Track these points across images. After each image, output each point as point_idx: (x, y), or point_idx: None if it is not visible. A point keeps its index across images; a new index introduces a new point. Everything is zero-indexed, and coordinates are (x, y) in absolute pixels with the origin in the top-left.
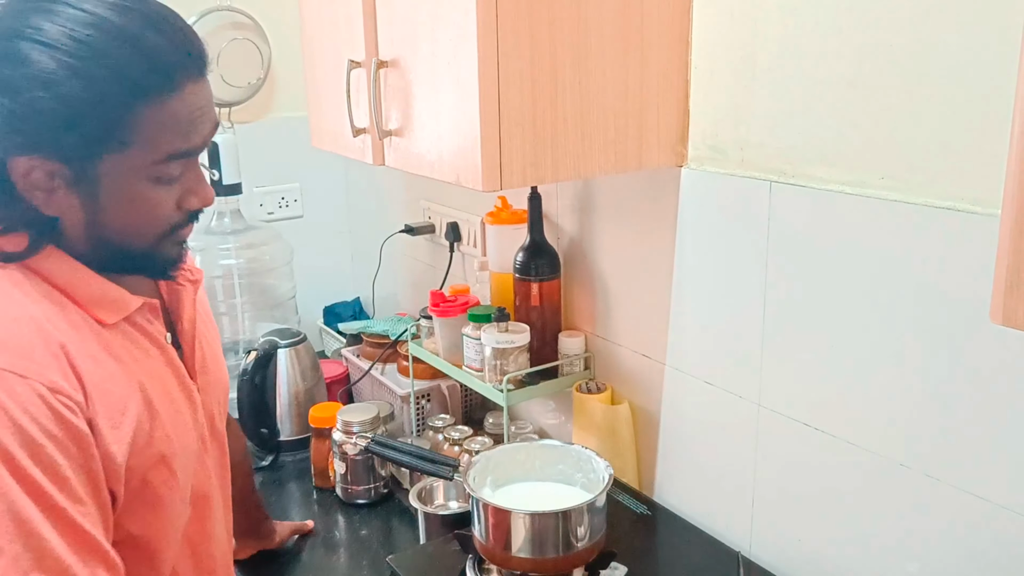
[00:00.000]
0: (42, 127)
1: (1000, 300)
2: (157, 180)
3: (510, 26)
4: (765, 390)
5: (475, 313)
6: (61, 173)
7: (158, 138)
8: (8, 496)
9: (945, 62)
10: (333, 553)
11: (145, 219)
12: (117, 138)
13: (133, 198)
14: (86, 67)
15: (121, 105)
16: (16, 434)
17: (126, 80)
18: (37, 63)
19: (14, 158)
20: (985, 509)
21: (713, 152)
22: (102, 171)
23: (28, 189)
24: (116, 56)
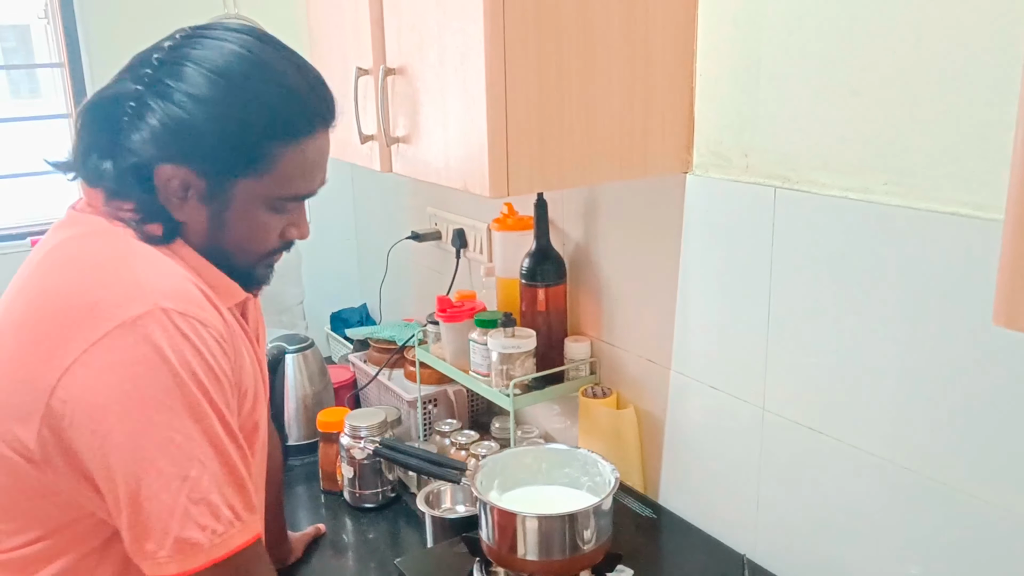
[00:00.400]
0: (193, 142)
1: (1003, 303)
2: (274, 209)
3: (517, 35)
4: (770, 394)
5: (482, 318)
6: (198, 187)
7: (288, 175)
8: (207, 420)
9: (947, 69)
10: (341, 556)
11: (255, 241)
12: (255, 166)
13: (251, 221)
14: (241, 98)
15: (266, 138)
16: (208, 370)
17: (274, 117)
18: (198, 84)
19: (161, 165)
20: (989, 512)
21: (718, 158)
22: (234, 192)
23: (166, 194)
24: (269, 94)
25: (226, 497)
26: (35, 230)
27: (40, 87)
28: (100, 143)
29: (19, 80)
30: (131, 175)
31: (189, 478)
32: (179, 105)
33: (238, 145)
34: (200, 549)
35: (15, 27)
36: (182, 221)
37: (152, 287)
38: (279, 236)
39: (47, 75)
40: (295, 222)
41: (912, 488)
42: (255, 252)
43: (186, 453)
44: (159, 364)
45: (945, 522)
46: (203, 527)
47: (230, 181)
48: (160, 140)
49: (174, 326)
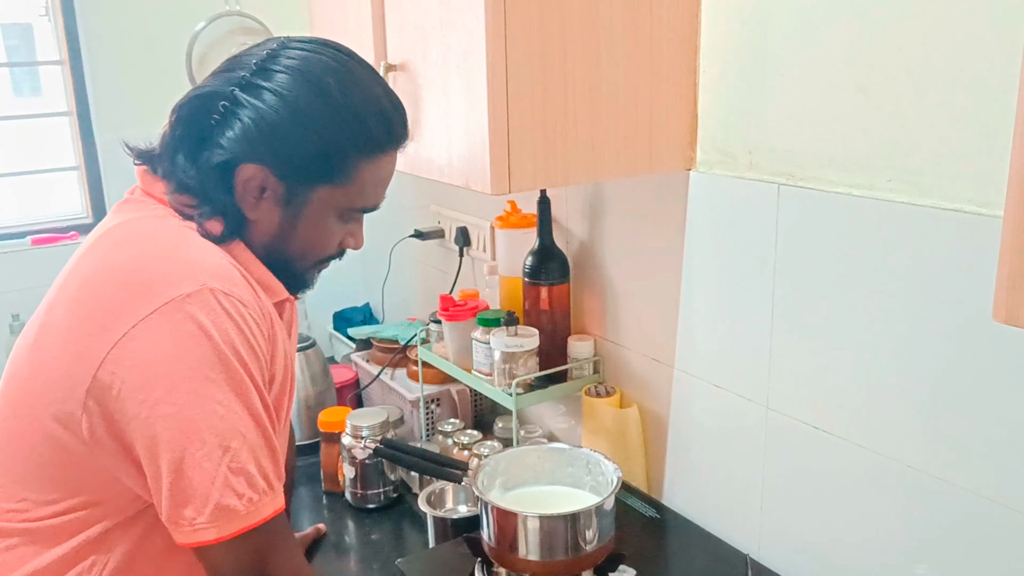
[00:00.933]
0: (280, 145)
1: (1003, 299)
2: (340, 218)
3: (520, 31)
4: (773, 393)
5: (484, 317)
6: (276, 189)
7: (362, 187)
8: (248, 395)
9: (951, 67)
10: (343, 557)
11: (318, 246)
12: (336, 177)
13: (320, 227)
14: (335, 110)
15: (351, 152)
16: (249, 348)
17: (362, 131)
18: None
19: (246, 163)
20: (995, 510)
21: (722, 155)
22: (310, 198)
23: (243, 192)
24: (359, 108)
25: (262, 467)
26: (36, 229)
27: (41, 87)
28: (191, 138)
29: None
30: (215, 170)
31: (231, 448)
32: (272, 108)
33: (324, 154)
34: (237, 515)
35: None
36: (253, 220)
37: (202, 268)
38: (338, 246)
39: (48, 75)
40: (353, 232)
41: (917, 487)
42: (314, 257)
43: (229, 424)
44: (204, 340)
45: (951, 520)
46: (240, 495)
47: (309, 187)
48: (249, 139)
49: (220, 305)
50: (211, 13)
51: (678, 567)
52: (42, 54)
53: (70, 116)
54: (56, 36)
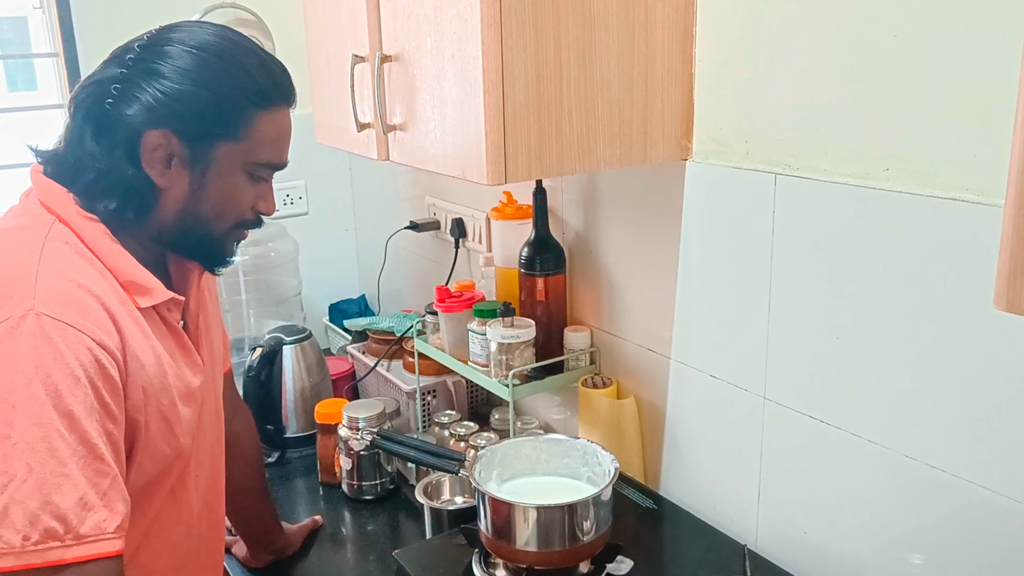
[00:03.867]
0: (177, 108)
1: (1003, 287)
2: (249, 176)
3: (514, 19)
4: (770, 383)
5: (480, 308)
6: (180, 153)
7: (262, 141)
8: (49, 426)
9: (948, 54)
10: (340, 548)
11: (230, 205)
12: (234, 130)
13: (229, 184)
14: (225, 69)
15: (244, 104)
16: (67, 376)
17: (251, 85)
18: (181, 58)
19: (149, 131)
20: (991, 500)
21: (718, 145)
22: (216, 155)
23: (150, 159)
24: (249, 67)
25: (54, 507)
26: None
27: (36, 81)
28: (92, 123)
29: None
30: (120, 146)
31: (15, 479)
32: (164, 76)
33: (219, 109)
34: (11, 551)
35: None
36: (163, 187)
37: (39, 292)
38: (250, 207)
39: (43, 69)
40: (264, 195)
41: (914, 476)
42: (229, 219)
43: (17, 454)
44: (12, 366)
45: (947, 511)
46: (17, 530)
47: (211, 144)
48: (146, 108)
49: (43, 332)
50: (206, 5)
51: (675, 558)
52: (37, 49)
53: (64, 109)
54: (51, 28)
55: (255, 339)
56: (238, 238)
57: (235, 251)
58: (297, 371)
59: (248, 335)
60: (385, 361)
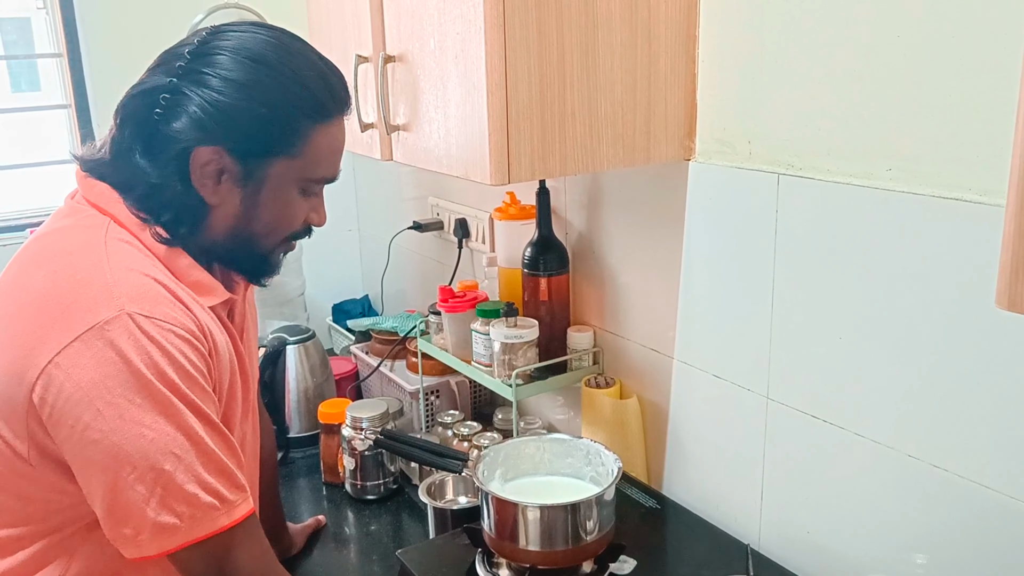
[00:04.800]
0: (230, 123)
1: (1005, 285)
2: (303, 191)
3: (518, 20)
4: (773, 383)
5: (484, 308)
6: (232, 169)
7: (318, 157)
8: (178, 415)
9: (950, 55)
10: (343, 548)
11: (283, 223)
12: (289, 147)
13: (282, 202)
14: (281, 81)
15: (300, 119)
16: (174, 367)
17: (308, 98)
18: (233, 68)
19: (199, 148)
20: (994, 499)
21: (721, 145)
22: (268, 173)
23: (201, 177)
24: (303, 77)
25: (204, 483)
26: (35, 221)
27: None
28: (140, 136)
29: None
30: (170, 162)
31: (164, 471)
32: (215, 89)
33: (274, 124)
34: (178, 531)
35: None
36: (214, 205)
37: (120, 292)
38: (303, 222)
39: (47, 70)
40: (316, 207)
41: (917, 476)
42: (279, 233)
43: (158, 447)
44: (123, 366)
45: (951, 510)
46: (179, 514)
47: (265, 161)
48: (197, 123)
49: (139, 329)
50: (210, 5)
51: (679, 557)
52: (40, 49)
53: (68, 109)
54: (54, 29)
55: (259, 339)
56: (286, 250)
57: (279, 264)
58: (301, 371)
59: None
60: (388, 361)
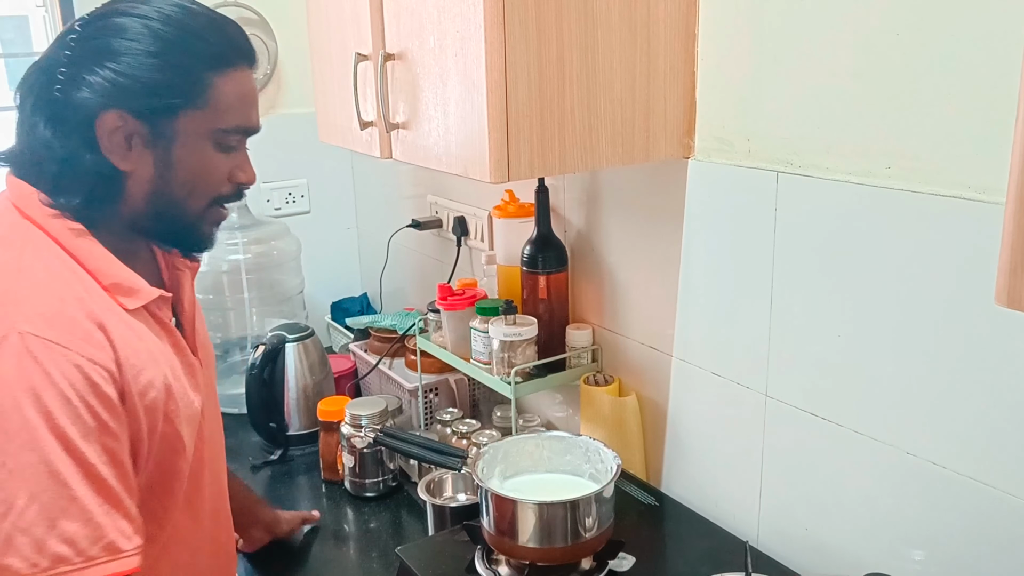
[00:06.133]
0: (129, 84)
1: (1005, 282)
2: (219, 145)
3: (517, 18)
4: (772, 380)
5: (483, 306)
6: (141, 132)
7: (225, 105)
8: (44, 450)
9: (950, 52)
10: (342, 545)
11: (201, 180)
12: (194, 99)
13: (197, 158)
14: (173, 35)
15: (199, 68)
16: (57, 397)
17: (205, 49)
18: (132, 31)
19: (104, 113)
20: (992, 497)
21: (720, 143)
22: (177, 128)
23: (109, 144)
24: (197, 29)
25: (60, 531)
26: None
27: None
28: (42, 111)
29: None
30: (75, 132)
31: (14, 508)
32: (110, 53)
33: (172, 78)
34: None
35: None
36: (128, 171)
37: (19, 310)
38: (227, 179)
39: None
40: (241, 165)
41: (915, 473)
42: (203, 196)
43: (15, 482)
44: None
45: (948, 507)
46: (24, 558)
47: (171, 118)
48: (97, 91)
49: (28, 352)
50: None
51: (677, 554)
52: (38, 48)
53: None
54: (52, 27)
55: (258, 337)
56: (217, 218)
57: (215, 233)
58: (299, 369)
59: (251, 333)
60: (387, 359)
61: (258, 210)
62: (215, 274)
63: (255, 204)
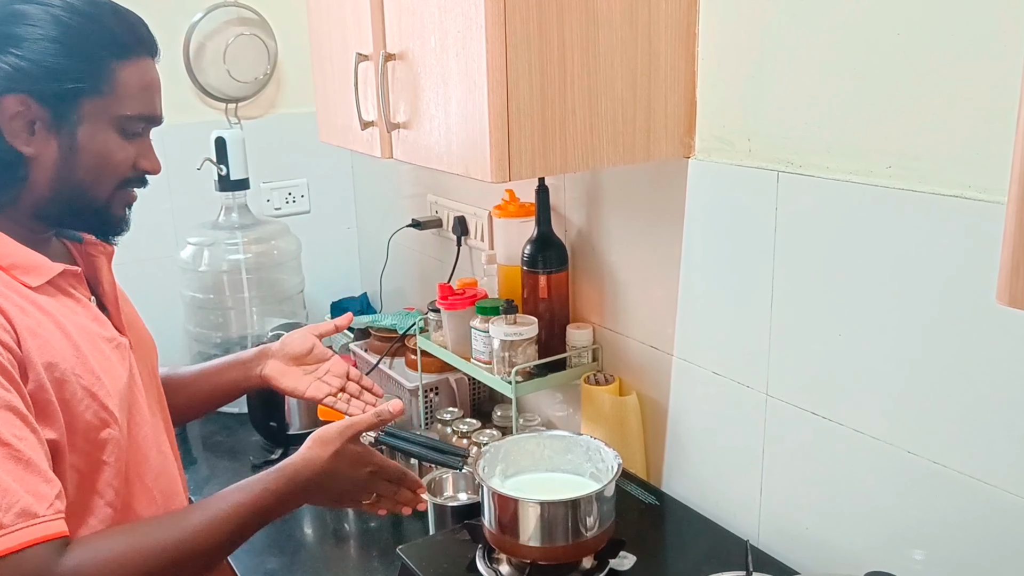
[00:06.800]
0: (31, 68)
1: (1006, 281)
2: (122, 132)
3: (519, 17)
4: (773, 379)
5: (483, 306)
6: (43, 116)
7: (128, 93)
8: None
9: (950, 52)
10: (343, 545)
11: (106, 166)
12: (96, 84)
13: (101, 143)
14: (75, 22)
15: (101, 55)
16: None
17: (108, 36)
18: (35, 17)
19: (3, 99)
20: (992, 495)
21: (720, 143)
22: (81, 113)
23: (11, 128)
24: (100, 17)
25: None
26: None
27: None
28: None
29: None
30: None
31: None
32: (14, 38)
33: (74, 64)
34: None
35: None
36: (32, 156)
37: None
38: (132, 166)
39: None
40: (145, 153)
41: (916, 472)
42: (108, 181)
43: None
44: None
45: (949, 506)
46: None
47: (74, 103)
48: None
49: None
50: (208, 4)
51: (678, 553)
52: None
53: None
54: None
55: (258, 336)
56: (126, 200)
57: (127, 215)
58: None
59: (251, 332)
60: (387, 358)
61: (258, 210)
62: (215, 274)
63: (255, 204)
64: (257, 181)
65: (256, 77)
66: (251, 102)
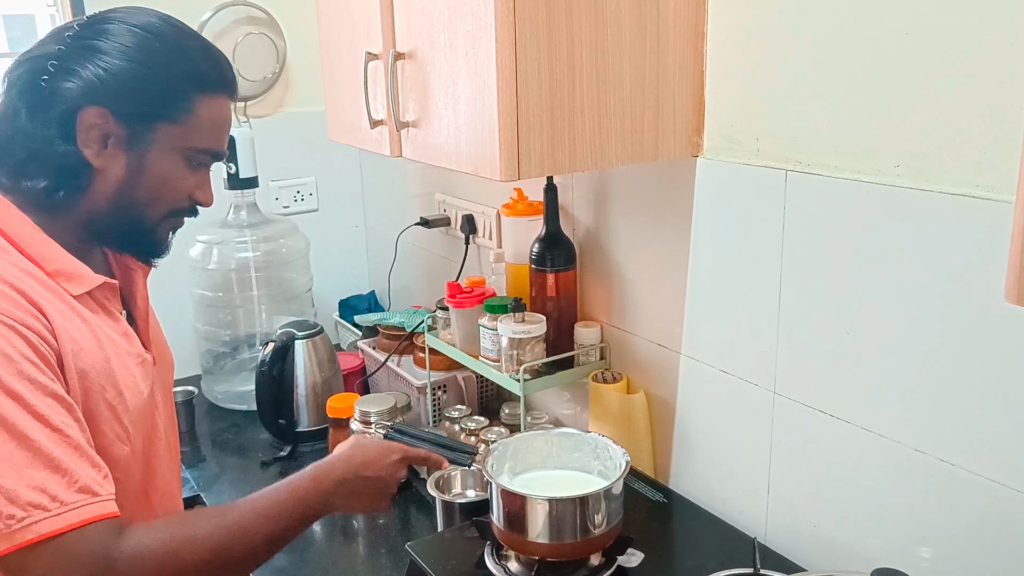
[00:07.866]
0: (117, 85)
1: (1014, 280)
2: (188, 161)
3: (528, 17)
4: (780, 378)
5: (492, 304)
6: (118, 133)
7: (203, 127)
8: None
9: (959, 51)
10: (352, 541)
11: (166, 190)
12: (174, 112)
13: (166, 168)
14: (165, 48)
15: (186, 86)
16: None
17: (193, 68)
18: (122, 36)
19: (86, 108)
20: (1000, 494)
21: (729, 142)
22: (154, 136)
23: (86, 139)
24: (189, 48)
25: (30, 481)
26: None
27: None
28: (26, 100)
29: None
30: (54, 122)
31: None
32: (103, 54)
33: (159, 90)
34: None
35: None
36: (99, 168)
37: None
38: (188, 196)
39: None
40: (202, 185)
41: (923, 470)
42: (164, 206)
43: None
44: None
45: (956, 504)
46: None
47: (150, 126)
48: (84, 85)
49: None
50: (217, 3)
51: (686, 550)
52: None
53: None
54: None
55: (266, 334)
56: (173, 227)
57: (170, 241)
58: (309, 366)
59: (260, 330)
60: (396, 356)
61: (267, 208)
62: (224, 272)
63: (263, 202)
64: (266, 179)
65: (265, 76)
66: (260, 100)
